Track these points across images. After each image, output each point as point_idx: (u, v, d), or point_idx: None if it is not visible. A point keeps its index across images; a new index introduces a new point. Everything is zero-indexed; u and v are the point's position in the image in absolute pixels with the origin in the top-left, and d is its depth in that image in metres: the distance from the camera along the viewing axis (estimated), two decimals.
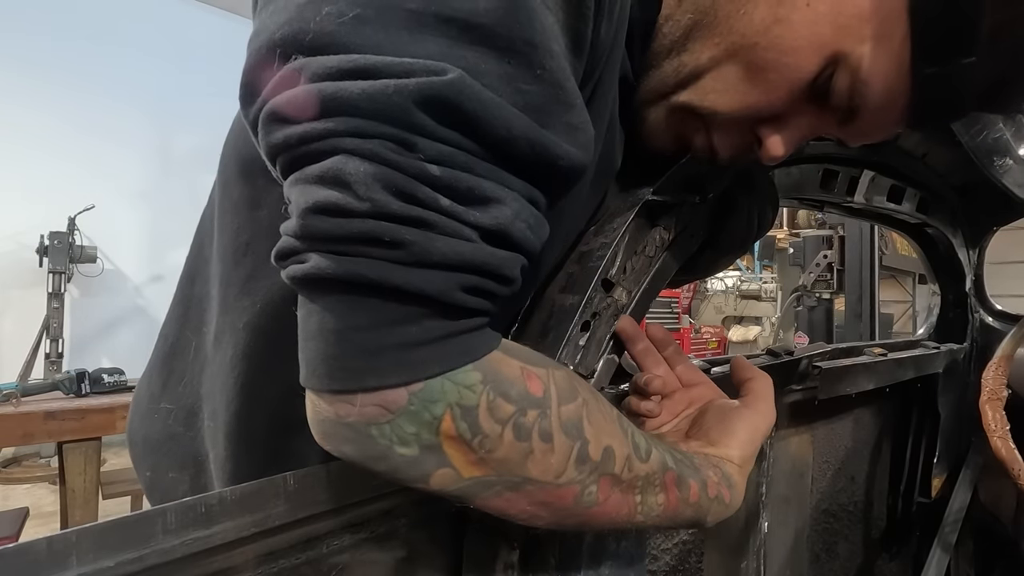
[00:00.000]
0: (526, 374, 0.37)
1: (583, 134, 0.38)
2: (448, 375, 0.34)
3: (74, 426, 2.39)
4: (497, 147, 0.33)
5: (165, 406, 0.65)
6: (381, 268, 0.31)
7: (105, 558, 0.36)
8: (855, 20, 0.46)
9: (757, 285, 7.74)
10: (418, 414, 0.34)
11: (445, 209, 0.32)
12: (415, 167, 0.31)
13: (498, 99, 0.33)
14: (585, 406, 0.41)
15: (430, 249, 0.31)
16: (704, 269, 0.82)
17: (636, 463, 0.44)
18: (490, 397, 0.35)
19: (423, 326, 0.33)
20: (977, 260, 1.38)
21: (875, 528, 1.32)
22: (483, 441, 0.36)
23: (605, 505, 0.42)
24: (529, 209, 0.36)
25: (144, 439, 0.68)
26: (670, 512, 0.48)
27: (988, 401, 0.96)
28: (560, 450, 0.38)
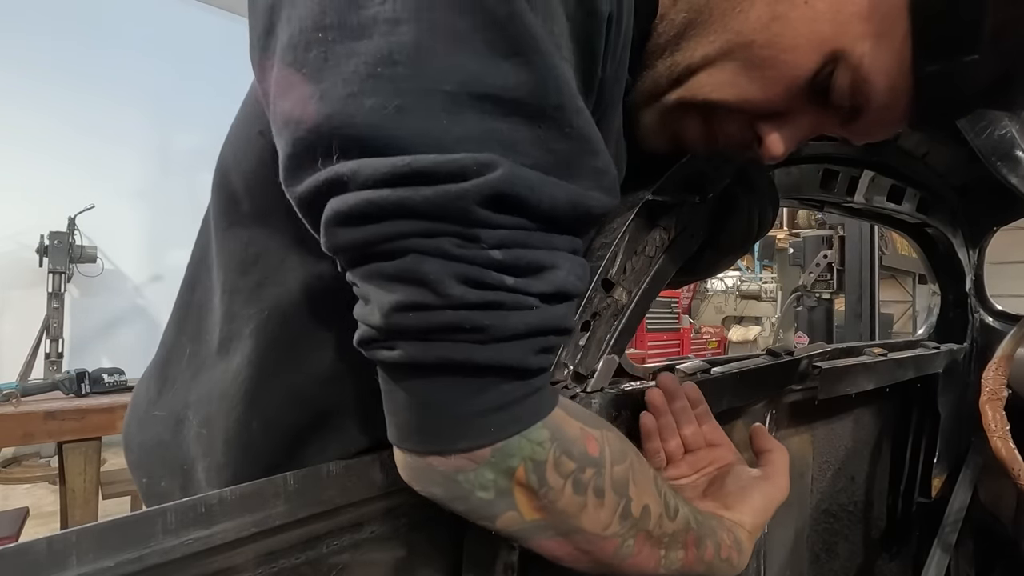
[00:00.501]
0: (585, 435, 0.42)
1: (608, 176, 0.40)
2: (524, 434, 0.39)
3: (74, 426, 2.39)
4: (546, 218, 0.37)
5: (158, 413, 0.65)
6: (465, 351, 0.36)
7: (105, 558, 0.36)
8: (855, 17, 0.46)
9: (757, 285, 7.74)
10: (497, 465, 0.39)
11: (511, 287, 0.36)
12: (481, 257, 0.35)
13: (541, 176, 0.36)
14: (631, 467, 0.44)
15: (505, 327, 0.36)
16: (705, 270, 0.82)
17: (666, 521, 0.48)
18: (556, 454, 0.40)
19: (501, 391, 0.38)
20: (977, 260, 1.38)
21: (875, 528, 1.32)
22: (548, 492, 0.40)
23: (638, 558, 0.46)
24: (576, 261, 0.39)
25: (140, 445, 0.68)
26: (686, 568, 0.50)
27: (988, 401, 0.96)
28: (609, 506, 0.43)
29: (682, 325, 7.46)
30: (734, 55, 0.50)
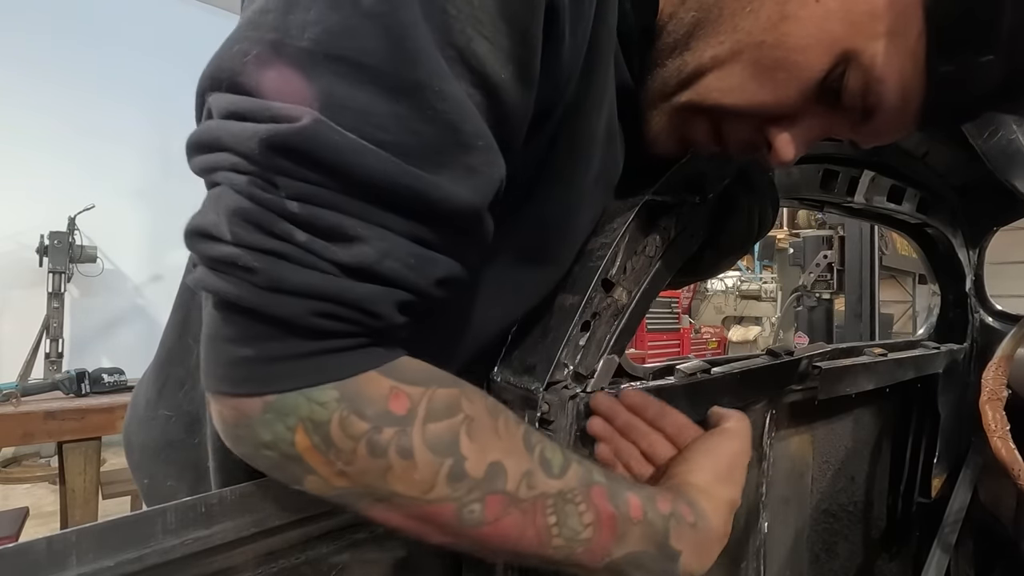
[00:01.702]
0: (394, 393, 0.38)
1: (483, 177, 0.38)
2: (304, 391, 0.36)
3: (74, 426, 2.39)
4: (362, 188, 0.34)
5: (163, 412, 0.64)
6: (239, 288, 0.34)
7: (105, 558, 0.36)
8: (867, 16, 0.45)
9: (757, 285, 7.73)
10: (271, 424, 0.37)
11: (300, 242, 0.34)
12: (273, 203, 0.34)
13: (359, 145, 0.34)
14: (467, 423, 0.40)
15: (280, 277, 0.34)
16: (705, 270, 0.82)
17: (540, 479, 0.42)
18: (343, 415, 0.37)
19: (285, 344, 0.35)
20: (977, 260, 1.38)
21: (875, 528, 1.32)
22: (339, 454, 0.37)
23: (499, 525, 0.41)
24: (407, 247, 0.36)
25: (142, 446, 0.68)
26: (608, 534, 0.45)
27: (988, 401, 0.96)
28: (424, 466, 0.38)
29: (682, 325, 7.46)
30: (744, 56, 0.49)
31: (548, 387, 0.55)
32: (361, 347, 0.37)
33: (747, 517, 0.93)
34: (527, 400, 0.55)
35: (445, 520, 0.40)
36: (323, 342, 0.36)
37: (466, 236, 0.39)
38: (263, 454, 0.38)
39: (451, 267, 0.39)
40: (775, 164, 0.54)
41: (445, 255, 0.38)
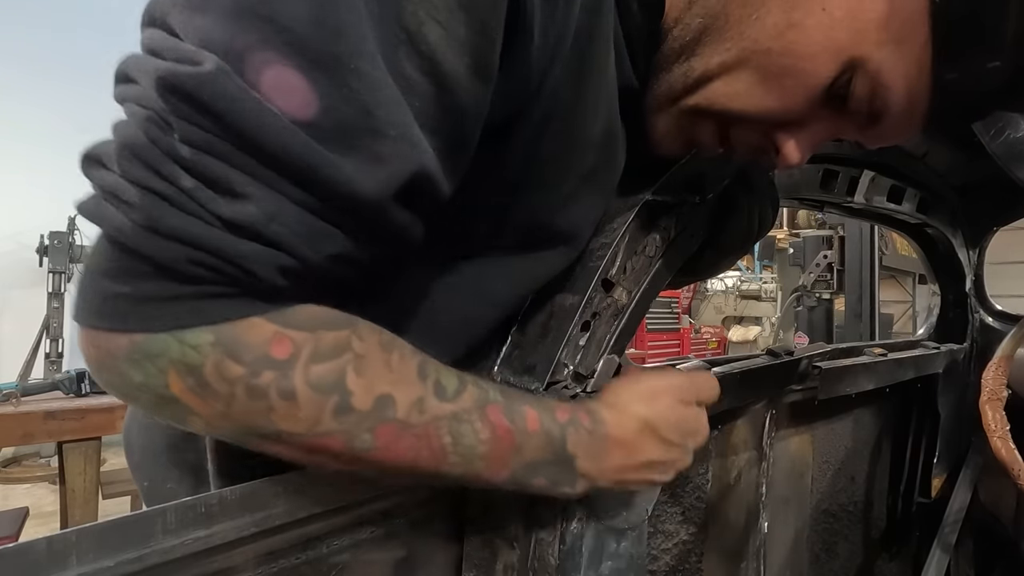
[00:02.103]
0: (277, 338, 0.37)
1: (388, 169, 0.36)
2: (175, 333, 0.35)
3: (74, 426, 2.39)
4: (255, 148, 0.33)
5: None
6: (119, 222, 0.34)
7: (105, 558, 0.36)
8: (873, 24, 0.45)
9: (757, 285, 7.74)
10: (140, 365, 0.36)
11: (185, 188, 0.33)
12: (165, 143, 0.33)
13: (255, 101, 0.33)
14: (355, 361, 0.40)
15: (159, 218, 0.33)
16: (705, 270, 0.82)
17: (432, 404, 0.43)
18: (217, 359, 0.36)
19: (160, 285, 0.34)
20: (977, 260, 1.38)
21: (875, 528, 1.32)
22: (216, 397, 0.37)
23: (391, 450, 0.42)
24: (298, 215, 0.35)
25: (142, 448, 0.68)
26: (506, 447, 0.46)
27: (988, 401, 0.95)
28: (309, 405, 0.38)
29: (682, 325, 7.46)
30: (750, 63, 0.49)
31: (548, 387, 0.55)
32: (241, 295, 0.36)
33: (747, 517, 0.93)
34: None
35: (336, 450, 0.41)
36: (200, 287, 0.35)
37: (367, 223, 0.38)
38: (137, 395, 0.38)
39: (347, 246, 0.38)
40: (782, 167, 0.55)
41: (344, 233, 0.37)
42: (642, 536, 0.65)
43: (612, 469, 0.53)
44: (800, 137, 0.53)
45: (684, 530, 0.85)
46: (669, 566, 0.83)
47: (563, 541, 0.56)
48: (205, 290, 0.35)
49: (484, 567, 0.58)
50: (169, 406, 0.37)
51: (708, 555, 0.89)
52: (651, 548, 0.80)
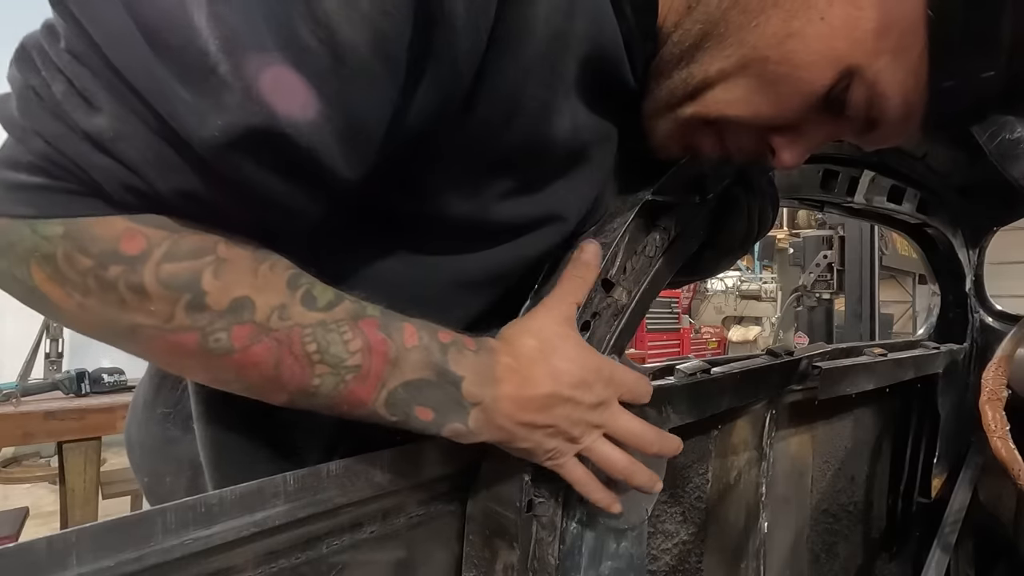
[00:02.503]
0: (128, 234, 0.38)
1: (226, 116, 0.35)
2: (30, 222, 0.37)
3: (74, 426, 2.39)
4: (112, 65, 0.34)
5: (161, 411, 0.65)
6: (5, 111, 0.36)
7: (105, 558, 0.36)
8: (871, 34, 0.45)
9: (757, 285, 7.74)
10: (4, 251, 0.38)
11: (56, 91, 0.35)
12: (53, 51, 0.35)
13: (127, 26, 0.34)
14: (215, 264, 0.40)
15: (27, 112, 0.35)
16: (705, 269, 0.82)
17: (297, 311, 0.42)
18: (67, 250, 0.37)
19: (27, 176, 0.36)
20: (977, 260, 1.38)
21: (875, 528, 1.32)
22: (74, 287, 0.38)
23: (249, 352, 0.41)
24: (149, 141, 0.35)
25: (140, 444, 0.68)
26: (380, 360, 0.44)
27: (988, 401, 0.96)
28: (159, 300, 0.39)
29: (682, 325, 7.46)
30: (749, 70, 0.49)
31: None
32: (95, 196, 0.37)
33: (747, 517, 0.93)
34: None
35: (191, 349, 0.40)
36: (59, 182, 0.36)
37: (213, 169, 0.37)
38: (9, 284, 0.40)
39: (200, 189, 0.37)
40: (779, 168, 0.55)
41: (193, 172, 0.36)
42: (642, 536, 0.65)
43: (508, 400, 0.49)
44: (797, 141, 0.54)
45: (684, 530, 0.85)
46: (669, 566, 0.83)
47: (563, 541, 0.56)
48: (63, 185, 0.36)
49: (484, 567, 0.58)
50: (35, 297, 0.39)
51: (708, 555, 0.89)
52: (651, 548, 0.81)
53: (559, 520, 0.57)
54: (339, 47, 0.36)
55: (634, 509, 0.63)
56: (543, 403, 0.50)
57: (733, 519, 0.91)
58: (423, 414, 0.47)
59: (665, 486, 0.66)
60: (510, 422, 0.49)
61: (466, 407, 0.48)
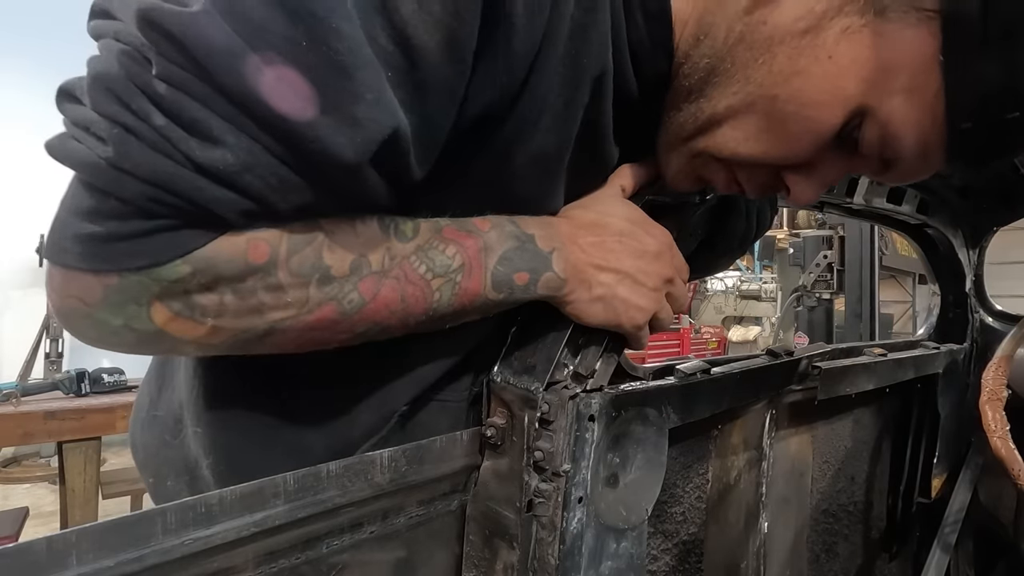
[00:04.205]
0: (251, 245, 0.38)
1: (364, 132, 0.36)
2: (150, 272, 0.35)
3: (74, 426, 2.39)
4: (236, 95, 0.33)
5: (159, 414, 0.65)
6: (85, 157, 0.33)
7: (105, 558, 0.36)
8: (881, 73, 0.45)
9: (757, 285, 7.74)
10: (119, 307, 0.36)
11: (157, 126, 0.32)
12: (140, 77, 0.32)
13: (239, 53, 0.32)
14: (326, 241, 0.41)
15: (125, 153, 0.32)
16: (704, 268, 0.82)
17: (398, 248, 0.44)
18: (201, 281, 0.37)
19: (125, 223, 0.34)
20: (977, 260, 1.38)
21: (875, 528, 1.32)
22: (205, 312, 0.38)
23: (380, 298, 0.43)
24: (273, 167, 0.35)
25: (144, 446, 0.68)
26: (474, 251, 0.47)
27: (988, 401, 0.95)
28: (294, 289, 0.40)
29: (682, 325, 7.46)
30: (757, 108, 0.49)
31: (548, 387, 0.55)
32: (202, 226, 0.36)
33: (747, 517, 0.93)
34: (527, 400, 0.55)
35: (332, 318, 0.42)
36: (163, 221, 0.35)
37: (339, 183, 0.38)
38: (115, 340, 0.38)
39: (315, 198, 0.38)
40: (792, 204, 0.55)
41: (313, 188, 0.37)
42: (642, 536, 0.65)
43: (568, 236, 0.53)
44: (811, 177, 0.53)
45: (684, 530, 0.85)
46: (669, 566, 0.83)
47: (563, 541, 0.56)
48: (169, 224, 0.35)
49: (484, 567, 0.58)
50: (154, 341, 0.38)
51: (708, 555, 0.89)
52: (651, 548, 0.81)
53: (559, 520, 0.57)
54: (414, 51, 0.37)
55: (634, 509, 0.63)
56: (595, 224, 0.54)
57: (733, 519, 0.91)
58: (521, 279, 0.50)
59: (665, 486, 0.66)
60: (582, 260, 0.53)
61: (547, 256, 0.51)
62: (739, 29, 0.48)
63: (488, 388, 0.59)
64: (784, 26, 0.46)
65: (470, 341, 0.58)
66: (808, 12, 0.46)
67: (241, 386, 0.55)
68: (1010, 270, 6.04)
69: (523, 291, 0.51)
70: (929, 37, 0.43)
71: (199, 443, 0.58)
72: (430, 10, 0.36)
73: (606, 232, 0.55)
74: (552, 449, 0.54)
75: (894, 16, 0.44)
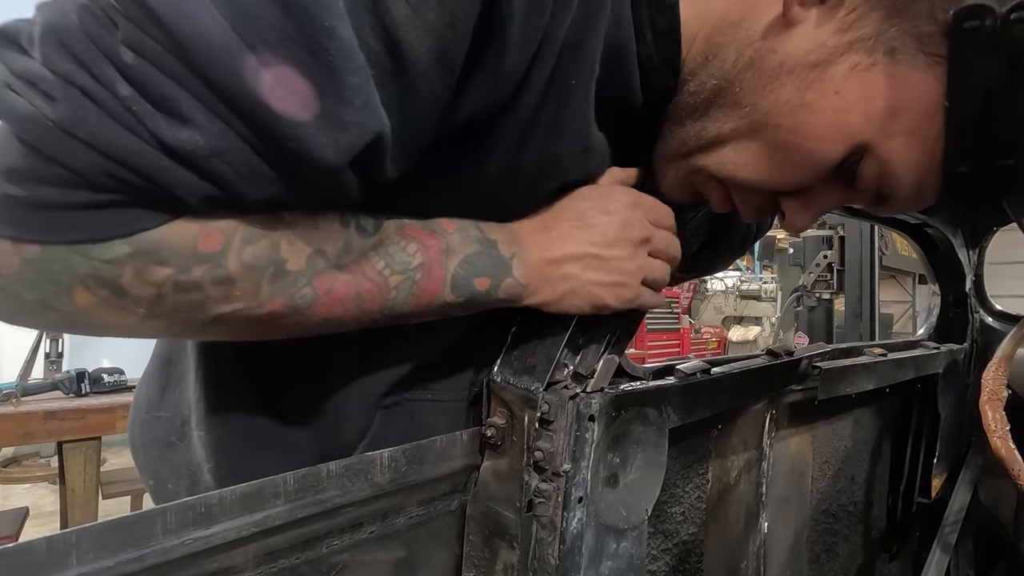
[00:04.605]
0: (204, 235, 0.36)
1: (348, 136, 0.35)
2: (80, 248, 0.32)
3: (74, 426, 2.39)
4: (215, 80, 0.31)
5: (164, 415, 0.64)
6: (28, 113, 0.30)
7: (105, 558, 0.36)
8: (886, 113, 0.45)
9: (757, 285, 7.74)
10: (35, 283, 0.32)
11: (121, 96, 0.30)
12: (104, 40, 0.30)
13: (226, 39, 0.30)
14: (284, 234, 0.39)
15: (80, 120, 0.30)
16: (704, 268, 0.82)
17: (357, 243, 0.43)
18: (139, 268, 0.34)
19: (64, 192, 0.31)
20: (977, 260, 1.38)
21: (875, 528, 1.32)
22: (138, 302, 0.35)
23: (333, 293, 0.42)
24: (245, 155, 0.33)
25: (144, 446, 0.68)
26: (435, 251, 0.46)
27: (988, 401, 0.95)
28: (245, 282, 0.38)
29: (682, 325, 7.46)
30: (761, 134, 0.49)
31: (548, 387, 0.55)
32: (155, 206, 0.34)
33: (747, 517, 0.93)
34: (527, 400, 0.55)
35: (281, 312, 0.40)
36: (110, 196, 0.32)
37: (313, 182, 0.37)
38: (29, 315, 0.35)
39: (284, 192, 0.36)
40: (786, 230, 0.56)
41: (284, 181, 0.35)
42: (642, 536, 0.65)
43: (528, 238, 0.52)
44: (807, 206, 0.54)
45: (684, 530, 0.85)
46: (669, 566, 0.83)
47: (563, 541, 0.56)
48: (119, 199, 0.32)
49: (484, 567, 0.58)
50: (72, 320, 0.35)
51: (708, 555, 0.89)
52: (651, 548, 0.80)
53: (559, 520, 0.57)
54: (402, 55, 0.36)
55: (634, 509, 0.63)
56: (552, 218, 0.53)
57: (733, 519, 0.91)
58: (481, 284, 0.49)
59: (665, 486, 0.66)
60: (540, 259, 0.52)
61: (507, 261, 0.50)
62: (749, 54, 0.48)
63: (488, 388, 0.59)
64: (795, 57, 0.47)
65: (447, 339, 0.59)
66: (819, 46, 0.46)
67: (243, 390, 0.55)
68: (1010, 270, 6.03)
69: (484, 296, 0.50)
70: (935, 81, 0.44)
71: (203, 447, 0.58)
72: (424, 17, 0.35)
73: (562, 220, 0.53)
74: (552, 449, 0.54)
75: (903, 59, 0.44)
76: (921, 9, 0.43)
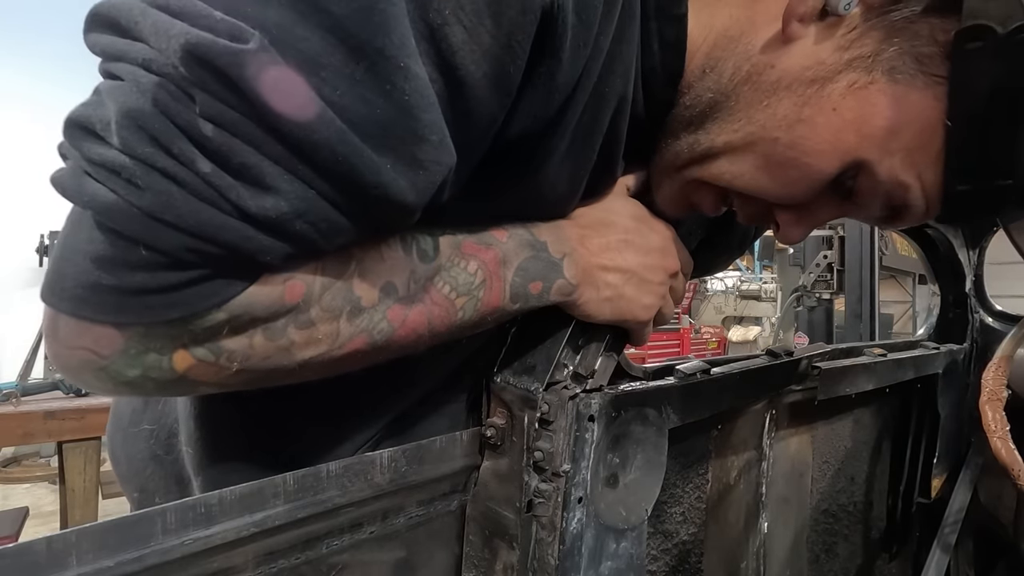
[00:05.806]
0: (288, 286, 0.36)
1: (426, 175, 0.35)
2: (182, 323, 0.33)
3: (74, 426, 2.39)
4: (292, 137, 0.30)
5: (147, 427, 0.64)
6: (117, 203, 0.30)
7: (105, 558, 0.36)
8: (883, 131, 0.45)
9: (757, 285, 7.74)
10: (137, 359, 0.33)
11: (203, 173, 0.30)
12: (183, 117, 0.29)
13: (299, 95, 0.30)
14: (356, 270, 0.39)
15: (167, 205, 0.30)
16: (703, 268, 0.82)
17: (421, 269, 0.43)
18: (233, 326, 0.35)
19: (152, 276, 0.31)
20: (977, 260, 1.38)
21: (875, 528, 1.32)
22: (231, 356, 0.36)
23: (408, 324, 0.43)
24: (324, 211, 0.33)
25: (128, 459, 0.67)
26: (493, 265, 0.47)
27: (988, 402, 0.95)
28: (325, 324, 0.39)
29: (682, 325, 7.46)
30: (757, 148, 0.49)
31: (548, 387, 0.55)
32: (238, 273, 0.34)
33: (747, 517, 0.93)
34: (527, 400, 0.55)
35: (361, 350, 0.41)
36: (195, 271, 0.32)
37: (389, 221, 0.37)
38: (128, 389, 0.36)
39: (355, 236, 0.36)
40: (781, 241, 0.56)
41: (359, 227, 0.36)
42: (642, 536, 0.65)
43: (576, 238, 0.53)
44: (803, 219, 0.54)
45: (684, 530, 0.85)
46: (669, 566, 0.83)
47: (563, 541, 0.56)
48: (202, 274, 0.32)
49: (484, 567, 0.58)
50: (172, 387, 0.36)
51: (708, 555, 0.89)
52: (651, 548, 0.80)
53: (559, 520, 0.57)
54: (460, 82, 0.35)
55: (634, 509, 0.63)
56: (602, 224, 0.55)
57: (733, 519, 0.91)
58: (535, 288, 0.50)
59: (664, 486, 0.66)
60: (591, 264, 0.54)
61: (558, 263, 0.51)
62: (747, 69, 0.48)
63: (488, 388, 0.59)
64: (792, 73, 0.47)
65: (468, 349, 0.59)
66: (817, 63, 0.46)
67: (233, 407, 0.54)
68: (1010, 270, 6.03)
69: (537, 299, 0.51)
70: (935, 101, 0.44)
71: (190, 462, 0.58)
72: (480, 40, 0.35)
73: (612, 232, 0.55)
74: (552, 449, 0.54)
75: (901, 78, 0.44)
76: (921, 30, 0.43)
